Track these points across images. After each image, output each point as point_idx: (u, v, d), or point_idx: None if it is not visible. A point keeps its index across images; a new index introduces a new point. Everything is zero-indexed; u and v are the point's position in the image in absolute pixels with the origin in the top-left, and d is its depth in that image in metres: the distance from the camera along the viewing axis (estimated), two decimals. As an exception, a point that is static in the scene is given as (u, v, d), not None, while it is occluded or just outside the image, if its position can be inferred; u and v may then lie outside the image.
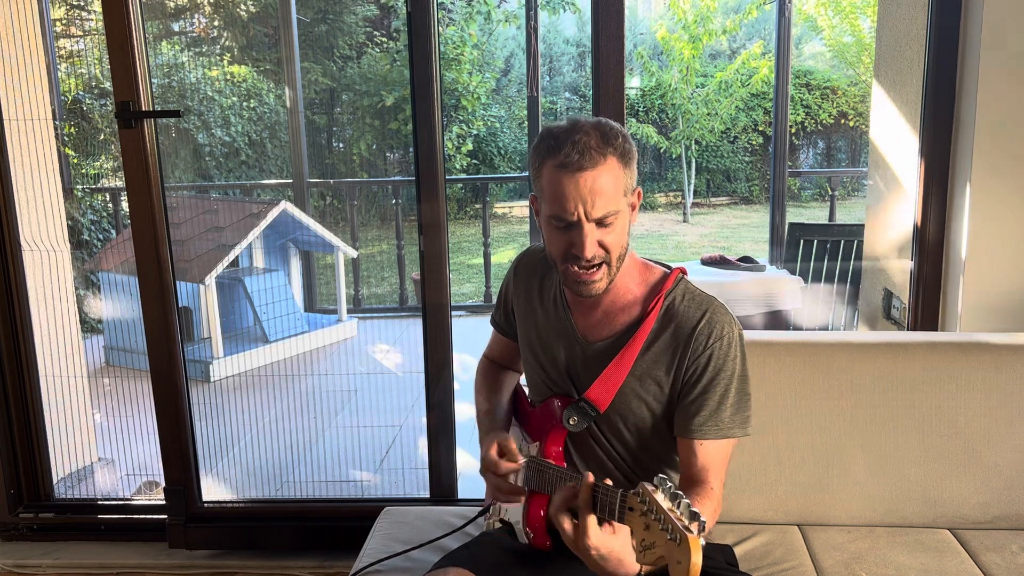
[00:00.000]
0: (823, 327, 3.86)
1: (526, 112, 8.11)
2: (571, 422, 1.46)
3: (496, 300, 1.73)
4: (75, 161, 5.05)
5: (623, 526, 1.20)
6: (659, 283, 1.49)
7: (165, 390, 2.37)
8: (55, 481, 2.64)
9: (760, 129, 9.80)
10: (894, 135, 2.66)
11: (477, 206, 8.40)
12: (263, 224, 4.57)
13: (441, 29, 5.28)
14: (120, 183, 4.76)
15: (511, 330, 1.69)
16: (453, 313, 2.35)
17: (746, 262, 4.13)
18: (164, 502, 2.46)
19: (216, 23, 6.38)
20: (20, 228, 2.49)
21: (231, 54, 6.38)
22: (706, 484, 1.44)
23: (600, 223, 1.34)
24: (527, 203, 1.77)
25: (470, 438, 2.63)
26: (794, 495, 1.84)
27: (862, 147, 9.74)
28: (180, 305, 2.41)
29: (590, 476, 1.21)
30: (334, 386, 4.23)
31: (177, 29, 6.30)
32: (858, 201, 8.70)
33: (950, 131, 2.15)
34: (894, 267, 2.68)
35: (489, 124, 9.11)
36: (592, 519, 1.19)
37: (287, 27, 5.41)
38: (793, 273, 3.94)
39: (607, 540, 1.19)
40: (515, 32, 9.39)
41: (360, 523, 1.96)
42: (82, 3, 5.66)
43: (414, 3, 2.12)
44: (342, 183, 6.72)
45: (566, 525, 1.22)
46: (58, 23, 5.40)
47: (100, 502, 2.69)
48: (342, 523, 2.41)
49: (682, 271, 1.51)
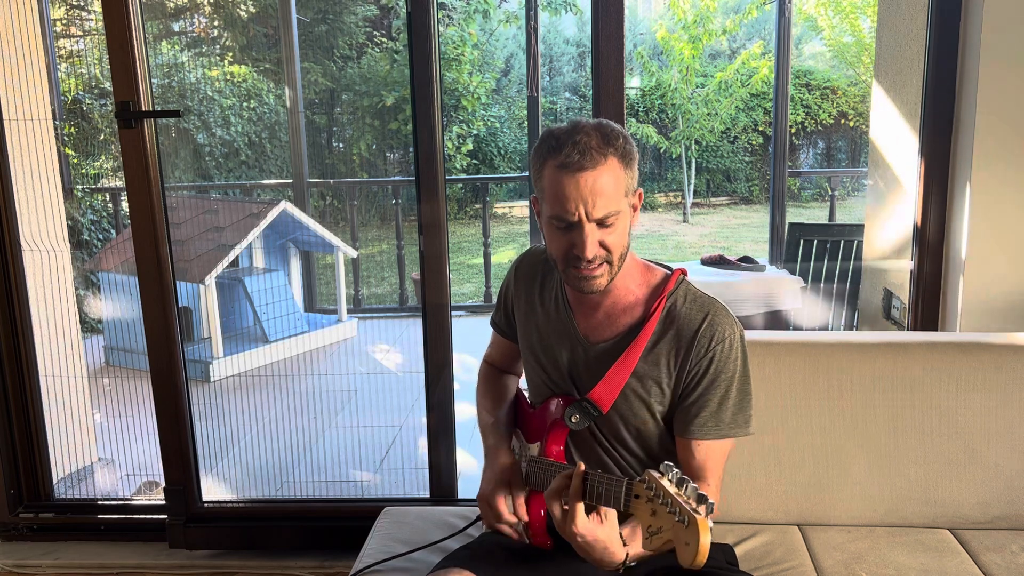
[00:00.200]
0: (823, 327, 3.86)
1: (526, 112, 8.11)
2: (573, 420, 1.47)
3: (496, 301, 1.73)
4: (75, 161, 5.04)
5: (612, 516, 1.25)
6: (660, 284, 1.49)
7: (165, 390, 2.37)
8: (55, 481, 2.64)
9: (760, 129, 9.80)
10: (894, 135, 2.67)
11: (477, 206, 8.39)
12: (263, 224, 4.56)
13: (441, 29, 5.27)
14: (120, 183, 4.76)
15: (511, 331, 1.69)
16: (453, 313, 2.35)
17: (746, 262, 4.13)
18: (164, 502, 2.46)
19: (216, 23, 6.38)
20: (20, 228, 2.49)
21: (231, 54, 6.38)
22: (703, 481, 1.46)
23: (601, 223, 1.35)
24: (527, 203, 1.77)
25: (470, 438, 2.63)
26: (794, 495, 1.84)
27: (862, 147, 9.74)
28: (180, 305, 2.41)
29: (581, 465, 1.26)
30: (334, 386, 4.23)
31: (177, 29, 6.29)
32: (858, 201, 8.70)
33: (950, 131, 2.15)
34: (894, 267, 2.68)
35: (489, 124, 9.11)
36: (580, 507, 1.24)
37: (287, 27, 5.41)
38: (793, 273, 3.93)
39: (593, 528, 1.24)
40: (515, 32, 9.39)
41: (360, 523, 1.96)
42: (82, 3, 5.66)
43: (414, 3, 2.12)
44: (342, 183, 6.72)
45: (556, 511, 1.28)
46: (58, 23, 5.40)
47: (100, 502, 2.69)
48: (342, 523, 2.41)
49: (683, 272, 1.51)
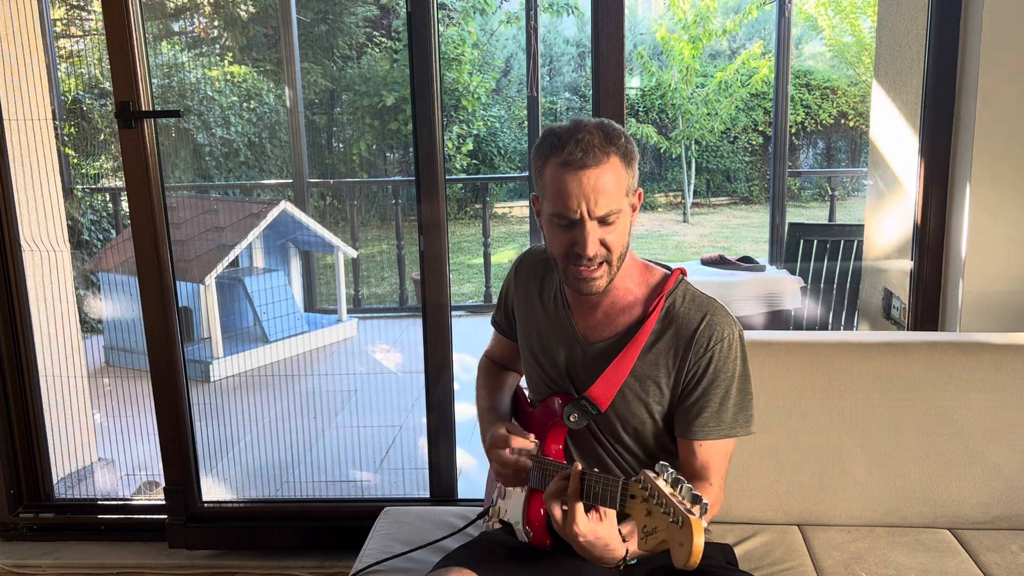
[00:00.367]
0: (823, 327, 3.86)
1: (526, 112, 8.10)
2: (571, 419, 1.47)
3: (497, 301, 1.73)
4: (75, 161, 5.04)
5: (611, 514, 1.25)
6: (660, 284, 1.49)
7: (165, 390, 2.37)
8: (55, 481, 2.64)
9: (760, 129, 9.79)
10: (894, 135, 2.66)
11: (477, 206, 8.40)
12: (263, 224, 4.56)
13: (441, 29, 5.28)
14: (120, 183, 4.76)
15: (511, 331, 1.69)
16: (453, 313, 2.35)
17: (746, 262, 4.13)
18: (164, 502, 2.46)
19: (216, 23, 6.38)
20: (20, 228, 2.49)
21: (231, 54, 6.38)
22: (705, 481, 1.46)
23: (602, 221, 1.35)
24: (527, 203, 1.78)
25: (470, 438, 2.64)
26: (794, 495, 1.84)
27: (862, 147, 9.74)
28: (180, 305, 2.41)
29: (578, 465, 1.26)
30: (334, 386, 4.23)
31: (177, 29, 6.29)
32: (858, 201, 8.69)
33: (950, 131, 2.15)
34: (894, 267, 2.68)
35: (489, 124, 9.10)
36: (579, 506, 1.24)
37: (287, 27, 5.41)
38: (793, 273, 3.93)
39: (594, 527, 1.24)
40: (515, 32, 9.38)
41: (360, 523, 1.97)
42: (82, 3, 5.66)
43: (414, 3, 2.12)
44: (342, 183, 6.72)
45: (556, 512, 1.27)
46: (58, 23, 5.39)
47: (100, 502, 2.69)
48: (342, 523, 2.41)
49: (682, 272, 1.52)
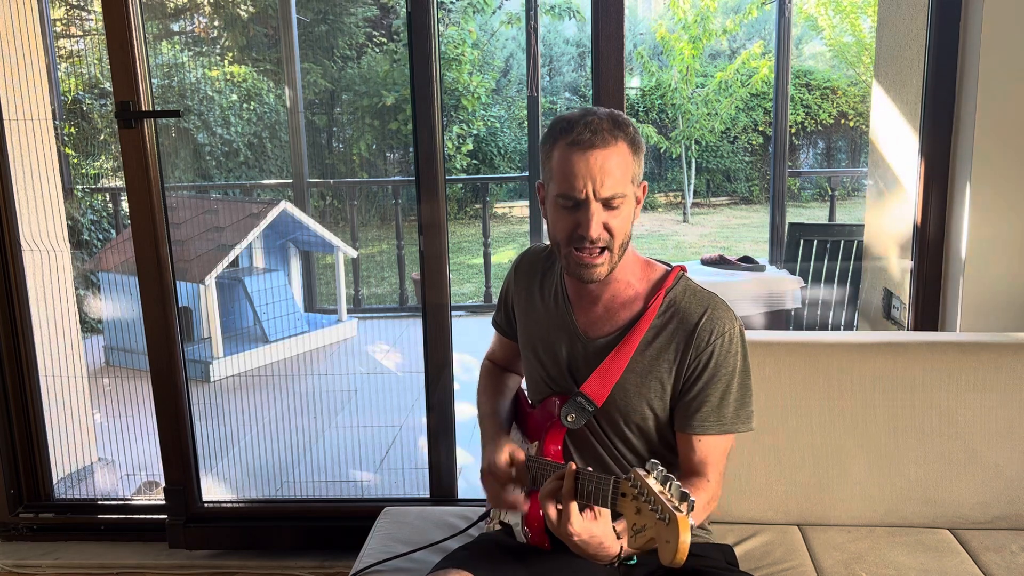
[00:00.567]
0: (823, 327, 3.86)
1: (526, 112, 8.10)
2: (569, 419, 1.47)
3: (497, 301, 1.74)
4: (75, 161, 5.04)
5: (605, 512, 1.25)
6: (660, 280, 1.50)
7: (165, 390, 2.37)
8: (55, 481, 2.64)
9: (760, 129, 9.79)
10: (894, 135, 2.66)
11: (477, 206, 8.39)
12: (263, 224, 4.56)
13: (441, 29, 5.28)
14: (120, 183, 4.76)
15: (512, 331, 1.69)
16: (453, 313, 2.35)
17: (746, 262, 4.13)
18: (164, 502, 2.46)
19: (216, 23, 6.38)
20: (20, 228, 2.49)
21: (231, 54, 6.37)
22: (703, 477, 1.46)
23: (607, 204, 1.36)
24: (527, 203, 1.78)
25: (470, 438, 2.64)
26: (794, 495, 1.84)
27: (862, 147, 9.74)
28: (180, 305, 2.40)
29: (572, 465, 1.26)
30: (334, 386, 4.23)
31: (177, 29, 6.29)
32: (858, 201, 8.69)
33: (950, 131, 2.15)
34: (894, 267, 2.68)
35: (489, 124, 9.10)
36: (574, 506, 1.25)
37: (287, 27, 5.40)
38: (793, 273, 3.93)
39: (588, 526, 1.25)
40: (515, 32, 9.38)
41: (360, 523, 1.96)
42: (82, 3, 5.66)
43: (414, 3, 2.12)
44: (342, 183, 6.71)
45: (551, 512, 1.27)
46: (58, 23, 5.39)
47: (100, 502, 2.69)
48: (342, 523, 2.41)
49: (683, 269, 1.52)
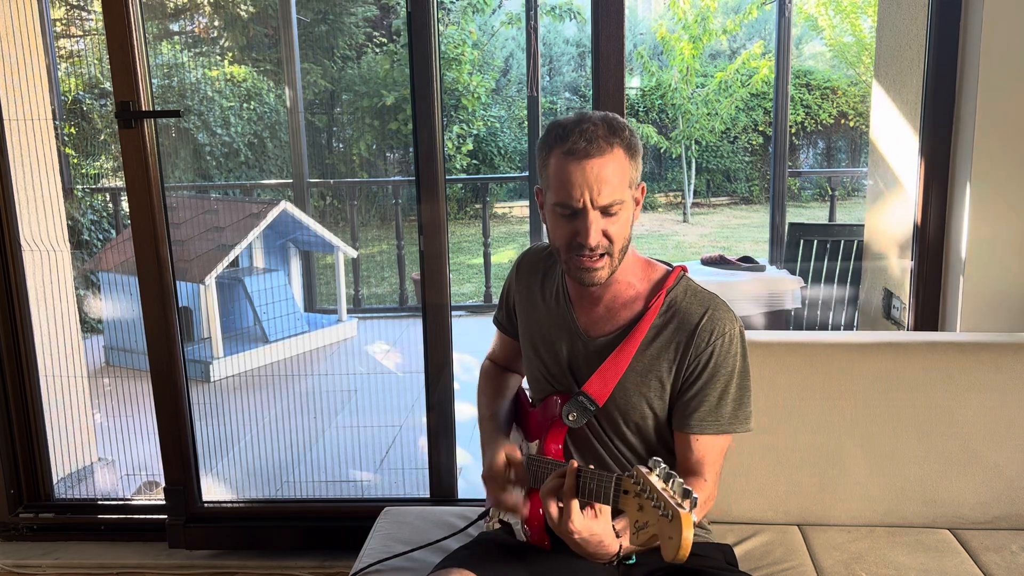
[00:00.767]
0: (823, 327, 3.86)
1: (526, 112, 8.11)
2: (570, 418, 1.47)
3: (499, 300, 1.74)
4: (75, 161, 5.04)
5: (606, 511, 1.26)
6: (661, 280, 1.50)
7: (165, 390, 2.37)
8: (55, 481, 2.64)
9: (760, 129, 9.80)
10: (894, 135, 2.66)
11: (477, 206, 8.40)
12: (263, 224, 4.56)
13: (441, 29, 5.28)
14: (120, 183, 4.76)
15: (513, 329, 1.69)
16: (453, 313, 2.35)
17: (746, 262, 4.13)
18: (164, 502, 2.46)
19: (216, 23, 6.38)
20: (20, 228, 2.49)
21: (231, 54, 6.37)
22: (699, 477, 1.46)
23: (605, 211, 1.36)
24: (527, 203, 1.78)
25: (470, 438, 2.64)
26: (794, 495, 1.84)
27: (862, 147, 9.74)
28: (180, 305, 2.41)
29: (574, 463, 1.27)
30: (334, 386, 4.23)
31: (177, 29, 6.29)
32: (858, 201, 8.70)
33: (950, 131, 2.15)
34: (894, 267, 2.68)
35: (489, 124, 9.10)
36: (575, 503, 1.25)
37: (287, 27, 5.41)
38: (793, 273, 3.93)
39: (589, 524, 1.25)
40: (515, 32, 9.38)
41: (360, 523, 1.96)
42: (82, 3, 5.66)
43: (414, 3, 2.12)
44: (342, 183, 6.71)
45: (552, 510, 1.28)
46: (58, 23, 5.39)
47: (100, 502, 2.69)
48: (342, 523, 2.41)
49: (683, 269, 1.52)
